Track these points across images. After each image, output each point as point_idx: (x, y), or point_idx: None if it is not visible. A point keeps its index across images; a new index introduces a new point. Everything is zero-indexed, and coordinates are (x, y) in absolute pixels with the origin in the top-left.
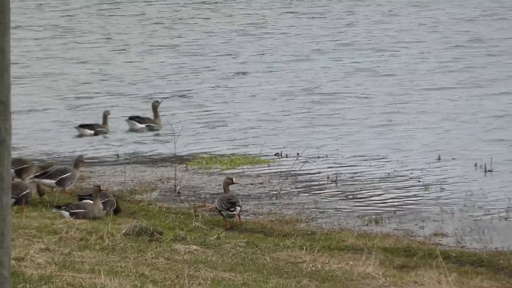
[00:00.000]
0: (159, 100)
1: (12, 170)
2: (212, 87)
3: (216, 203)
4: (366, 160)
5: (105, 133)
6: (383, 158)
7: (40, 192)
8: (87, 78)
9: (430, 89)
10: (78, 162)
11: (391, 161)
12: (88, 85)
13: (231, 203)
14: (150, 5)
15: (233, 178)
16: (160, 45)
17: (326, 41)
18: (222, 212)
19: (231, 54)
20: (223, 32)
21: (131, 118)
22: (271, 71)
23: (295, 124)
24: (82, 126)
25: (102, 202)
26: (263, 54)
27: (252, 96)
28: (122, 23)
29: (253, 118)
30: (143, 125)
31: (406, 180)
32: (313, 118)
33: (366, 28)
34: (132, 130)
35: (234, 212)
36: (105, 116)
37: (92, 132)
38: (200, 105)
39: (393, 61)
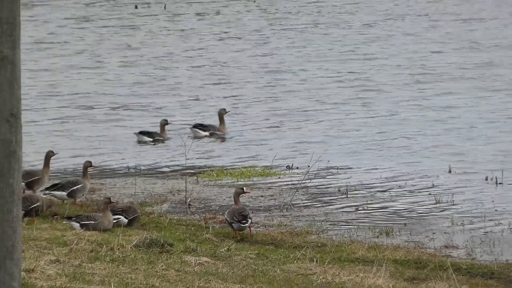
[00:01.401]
0: (226, 109)
1: (23, 183)
2: (223, 97)
3: (226, 216)
4: (376, 173)
5: (163, 141)
6: (393, 171)
7: (52, 213)
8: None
9: (439, 100)
10: (86, 168)
11: (401, 173)
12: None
13: (242, 216)
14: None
15: (244, 188)
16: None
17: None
18: (233, 224)
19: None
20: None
21: (195, 126)
22: (280, 83)
23: (305, 136)
24: (142, 133)
25: (131, 219)
26: (266, 64)
27: (262, 107)
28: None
29: (264, 130)
30: (207, 133)
31: (417, 192)
32: (323, 131)
33: (361, 40)
34: (195, 138)
35: (246, 225)
36: (163, 125)
37: (151, 139)
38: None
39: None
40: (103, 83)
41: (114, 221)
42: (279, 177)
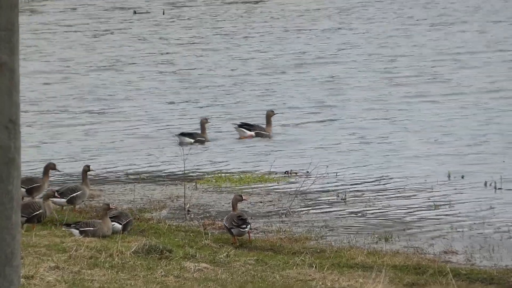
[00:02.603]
0: (274, 110)
1: (23, 189)
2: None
3: (224, 222)
4: (375, 178)
5: (204, 142)
6: (392, 176)
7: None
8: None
9: (440, 107)
10: (85, 172)
11: (400, 178)
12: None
13: (242, 220)
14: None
15: (243, 195)
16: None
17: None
18: (232, 229)
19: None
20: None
21: (240, 125)
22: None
23: (304, 142)
24: (183, 134)
25: (125, 224)
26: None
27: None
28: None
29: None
30: (253, 133)
31: (416, 198)
32: (322, 137)
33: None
34: (240, 137)
35: (246, 229)
36: (203, 124)
37: (192, 140)
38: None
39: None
40: (102, 88)
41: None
42: (278, 183)
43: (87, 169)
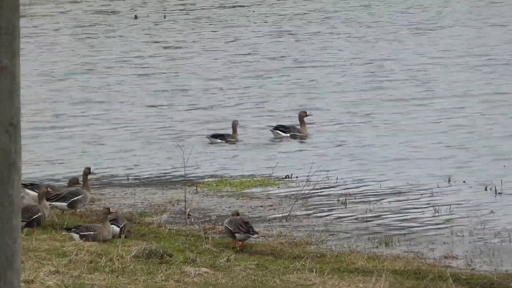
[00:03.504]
0: (306, 111)
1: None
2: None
3: (227, 224)
4: (376, 182)
5: (235, 142)
6: (392, 180)
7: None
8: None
9: (441, 110)
10: (86, 174)
11: (401, 183)
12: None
13: (250, 227)
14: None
15: (238, 211)
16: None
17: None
18: (236, 234)
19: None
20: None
21: (276, 127)
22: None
23: (305, 146)
24: (214, 136)
25: (122, 226)
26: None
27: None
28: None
29: (263, 141)
30: (288, 135)
31: (416, 202)
32: (322, 141)
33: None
34: (276, 139)
35: (253, 236)
36: (234, 126)
37: (224, 141)
38: (212, 128)
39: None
40: (104, 92)
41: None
42: (278, 187)
43: (87, 171)
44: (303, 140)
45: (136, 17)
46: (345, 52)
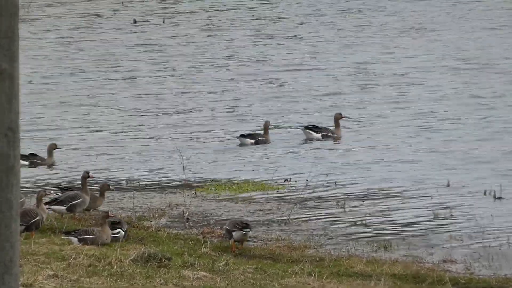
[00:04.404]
0: (342, 113)
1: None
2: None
3: (227, 226)
4: (374, 186)
5: (266, 143)
6: (391, 185)
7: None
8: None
9: (439, 114)
10: (84, 179)
11: (400, 187)
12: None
13: (245, 224)
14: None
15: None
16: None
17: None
18: (233, 232)
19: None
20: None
21: (307, 127)
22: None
23: (304, 150)
24: (243, 136)
25: (126, 230)
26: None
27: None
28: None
29: (261, 145)
30: (319, 135)
31: (415, 206)
32: (321, 145)
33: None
34: (308, 139)
35: (248, 233)
36: (266, 127)
37: (253, 141)
38: (211, 130)
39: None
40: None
41: (117, 234)
42: (277, 191)
43: (86, 175)
44: (336, 142)
45: (135, 21)
46: (327, 55)
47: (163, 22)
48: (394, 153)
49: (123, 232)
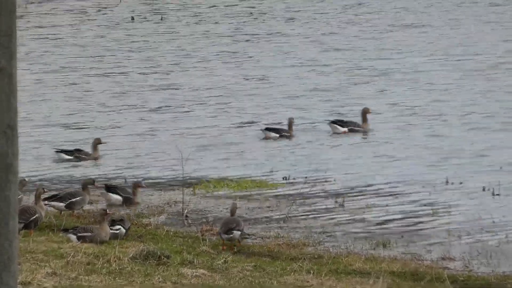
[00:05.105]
0: (369, 108)
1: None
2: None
3: (218, 227)
4: (373, 184)
5: (290, 137)
6: (390, 182)
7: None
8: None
9: (437, 112)
10: (87, 184)
11: (398, 184)
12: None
13: (229, 228)
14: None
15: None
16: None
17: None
18: (221, 234)
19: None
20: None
21: (334, 121)
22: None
23: (302, 148)
24: (268, 129)
25: (127, 229)
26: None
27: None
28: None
29: (260, 141)
30: (346, 129)
31: (414, 204)
32: (320, 143)
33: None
34: (334, 133)
35: (231, 236)
36: (290, 123)
37: (278, 135)
38: (206, 127)
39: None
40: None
41: (117, 231)
42: (276, 188)
43: (91, 182)
44: (364, 136)
45: (133, 19)
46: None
47: (161, 19)
48: (392, 150)
49: (123, 230)
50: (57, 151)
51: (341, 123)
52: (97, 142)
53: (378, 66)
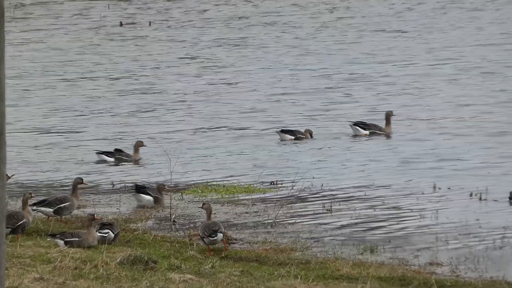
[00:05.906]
0: (393, 111)
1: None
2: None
3: (199, 230)
4: (361, 189)
5: (304, 139)
6: (378, 187)
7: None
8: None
9: (426, 115)
10: (76, 184)
11: (386, 190)
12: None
13: (212, 230)
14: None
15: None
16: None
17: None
18: (204, 239)
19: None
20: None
21: (356, 124)
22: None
23: (290, 153)
24: (283, 131)
25: (116, 234)
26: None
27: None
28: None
29: (249, 147)
30: (367, 132)
31: (401, 209)
32: (308, 149)
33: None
34: (355, 136)
35: (215, 238)
36: (306, 131)
37: (293, 137)
38: (196, 132)
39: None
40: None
41: (105, 234)
42: (264, 193)
43: (79, 181)
44: (387, 138)
45: (121, 24)
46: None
47: (149, 25)
48: (381, 156)
49: (112, 234)
50: (97, 153)
51: (363, 125)
52: (139, 145)
53: (355, 70)
